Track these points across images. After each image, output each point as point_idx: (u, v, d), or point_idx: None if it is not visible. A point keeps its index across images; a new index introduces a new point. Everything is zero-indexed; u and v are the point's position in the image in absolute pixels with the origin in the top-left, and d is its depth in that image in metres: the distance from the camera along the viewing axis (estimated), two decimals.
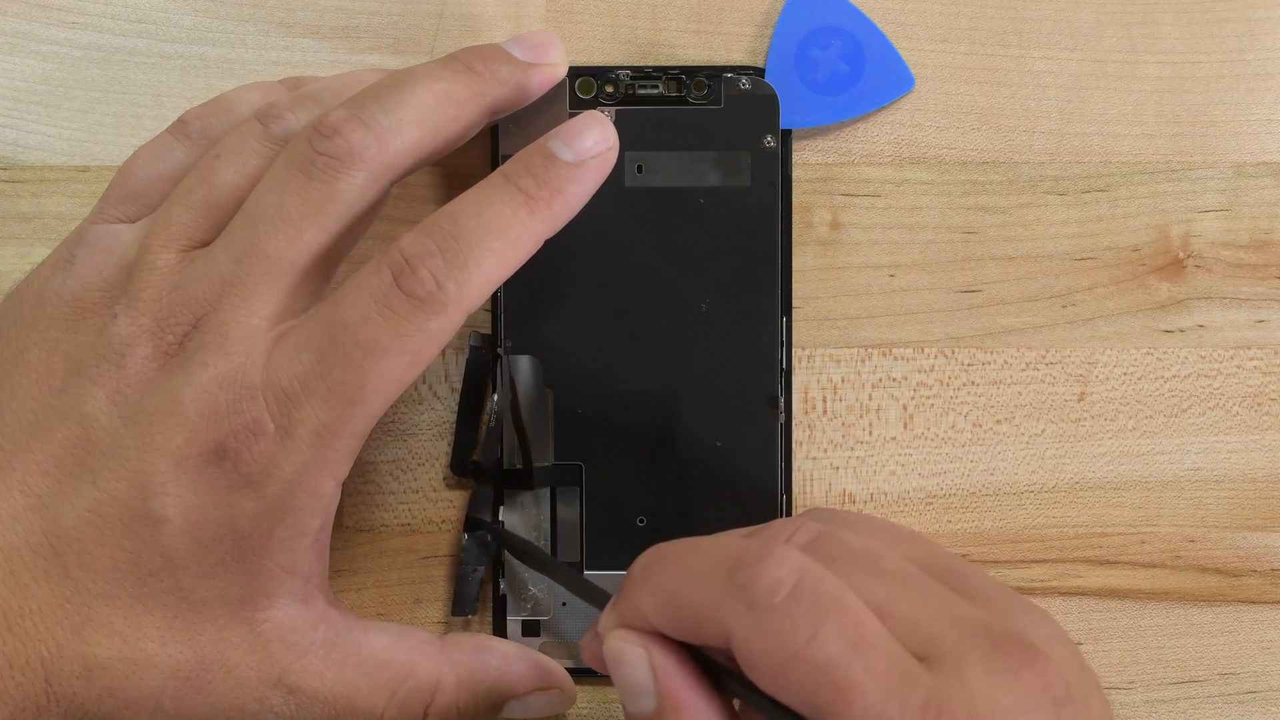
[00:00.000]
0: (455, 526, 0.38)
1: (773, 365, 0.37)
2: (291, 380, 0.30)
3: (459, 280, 0.30)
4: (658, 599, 0.28)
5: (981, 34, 0.38)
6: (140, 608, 0.31)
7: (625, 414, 0.37)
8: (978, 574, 0.29)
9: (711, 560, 0.28)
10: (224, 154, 0.32)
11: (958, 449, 0.38)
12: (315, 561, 0.32)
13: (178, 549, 0.31)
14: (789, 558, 0.27)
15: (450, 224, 0.31)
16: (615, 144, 0.33)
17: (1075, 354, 0.38)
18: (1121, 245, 0.38)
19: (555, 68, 0.34)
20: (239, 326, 0.31)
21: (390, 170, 0.32)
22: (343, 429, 0.30)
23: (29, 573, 0.31)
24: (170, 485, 0.30)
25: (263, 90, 0.35)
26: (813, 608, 0.26)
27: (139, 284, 0.31)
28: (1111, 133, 0.38)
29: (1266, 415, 0.38)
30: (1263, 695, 0.38)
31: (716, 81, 0.37)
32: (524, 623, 0.37)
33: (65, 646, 0.30)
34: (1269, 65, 0.38)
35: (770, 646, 0.26)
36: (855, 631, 0.26)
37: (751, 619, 0.26)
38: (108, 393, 0.31)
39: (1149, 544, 0.38)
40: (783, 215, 0.37)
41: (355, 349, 0.30)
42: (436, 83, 0.32)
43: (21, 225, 0.38)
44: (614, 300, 0.37)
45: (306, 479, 0.31)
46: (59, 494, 0.31)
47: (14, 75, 0.38)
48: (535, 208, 0.31)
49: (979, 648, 0.26)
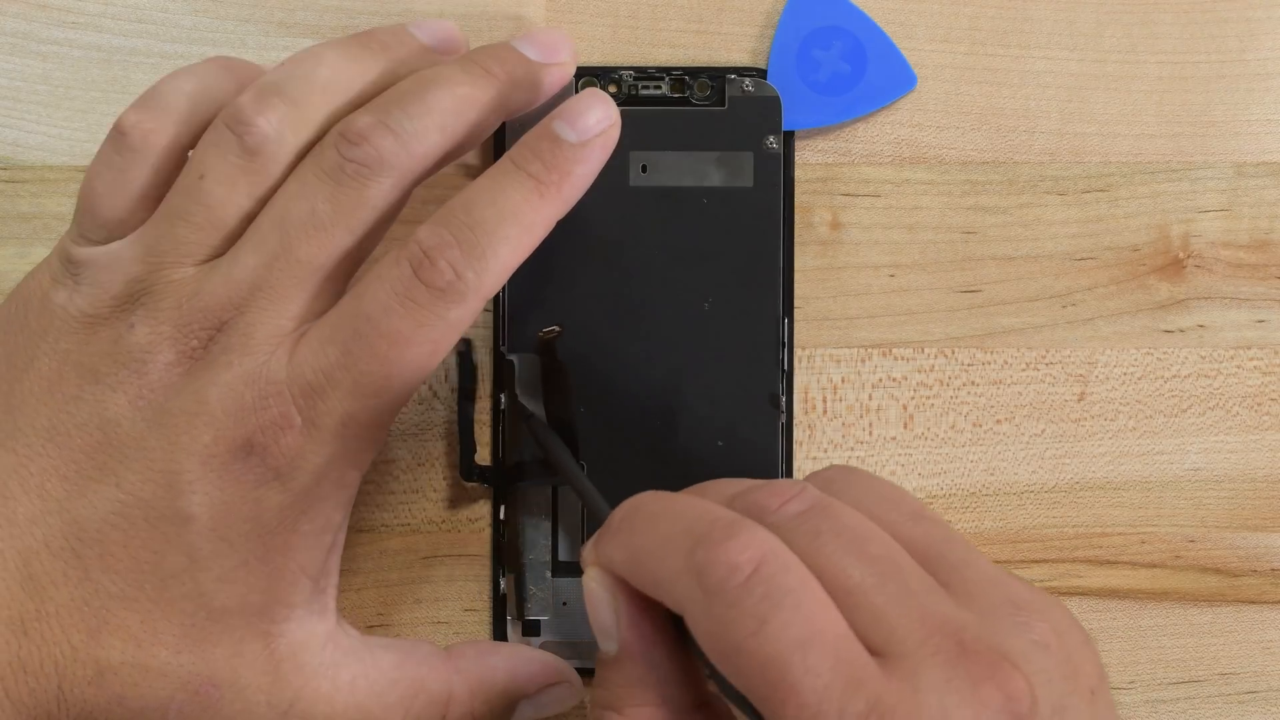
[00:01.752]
0: (455, 527, 0.38)
1: (774, 365, 0.37)
2: (316, 373, 0.31)
3: (477, 269, 0.31)
4: (626, 555, 0.28)
5: (981, 34, 0.38)
6: (158, 612, 0.31)
7: (627, 412, 0.37)
8: (975, 565, 0.28)
9: (679, 529, 0.27)
10: (208, 174, 0.32)
11: (958, 449, 0.38)
12: (332, 567, 0.32)
13: (203, 548, 0.31)
14: (752, 541, 0.26)
15: (465, 214, 0.31)
16: (617, 119, 0.33)
17: (1075, 354, 0.38)
18: (1121, 245, 0.38)
19: (566, 67, 0.35)
20: (264, 328, 0.31)
21: (415, 174, 0.32)
22: (368, 419, 0.31)
23: (48, 576, 0.31)
24: (198, 483, 0.30)
25: (197, 76, 0.34)
26: (764, 599, 0.25)
27: (156, 296, 0.31)
28: (1111, 133, 0.38)
29: (1266, 415, 0.38)
30: (1263, 695, 0.38)
31: (720, 82, 0.37)
32: (524, 623, 0.37)
33: (80, 650, 0.30)
34: (1269, 65, 0.38)
35: (717, 632, 0.26)
36: (804, 628, 0.25)
37: (703, 601, 0.26)
38: (129, 398, 0.31)
39: (1149, 544, 0.38)
40: (785, 216, 0.37)
41: (379, 340, 0.30)
42: (457, 87, 0.32)
43: (21, 225, 0.38)
44: (616, 299, 0.37)
45: (332, 470, 0.31)
46: (79, 496, 0.31)
47: (14, 75, 0.38)
48: (546, 191, 0.32)
49: (942, 651, 0.25)
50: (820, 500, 0.28)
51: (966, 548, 0.28)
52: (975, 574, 0.28)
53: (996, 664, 0.25)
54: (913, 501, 0.30)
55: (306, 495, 0.31)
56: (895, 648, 0.26)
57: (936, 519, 0.29)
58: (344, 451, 0.31)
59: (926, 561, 0.28)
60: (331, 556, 0.32)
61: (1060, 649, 0.27)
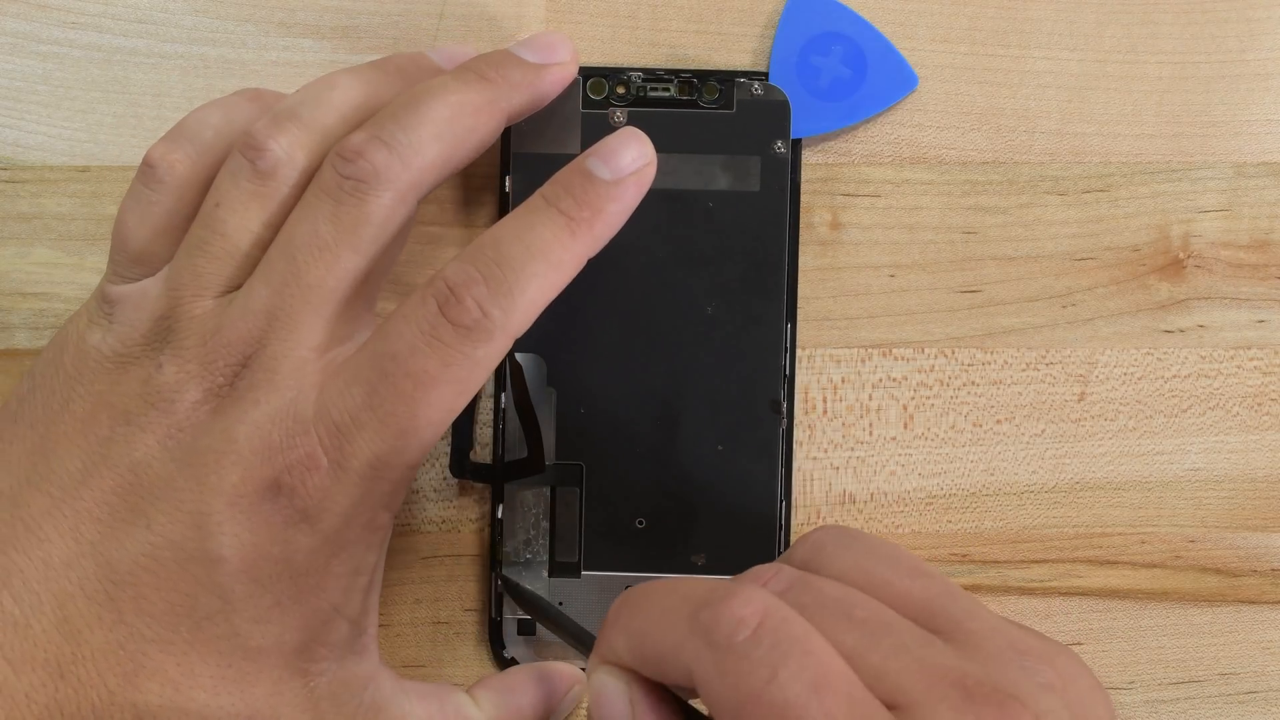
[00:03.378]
0: (455, 526, 0.38)
1: (776, 370, 0.37)
2: (343, 414, 0.30)
3: (504, 307, 0.30)
4: (629, 638, 0.28)
5: (981, 34, 0.38)
6: (194, 655, 0.30)
7: (627, 415, 0.37)
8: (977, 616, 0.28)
9: (679, 599, 0.27)
10: (223, 201, 0.32)
11: (958, 449, 0.38)
12: (370, 606, 0.32)
13: (235, 589, 0.30)
14: (754, 597, 0.26)
15: (493, 250, 0.31)
16: (653, 159, 0.33)
17: (1075, 354, 0.38)
18: (1121, 245, 0.38)
19: (566, 67, 0.34)
20: (287, 360, 0.31)
21: (416, 187, 0.32)
22: (396, 460, 0.30)
23: (83, 619, 0.30)
24: (226, 524, 0.30)
25: (224, 108, 0.34)
26: (773, 649, 0.25)
27: (180, 333, 0.31)
28: (1111, 133, 0.38)
29: (1266, 415, 0.38)
30: (1263, 695, 0.38)
31: (729, 85, 0.37)
32: (519, 622, 0.37)
33: (116, 694, 0.30)
34: (1269, 65, 0.38)
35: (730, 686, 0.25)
36: (816, 674, 0.25)
37: (712, 658, 0.26)
38: (159, 438, 0.31)
39: (1149, 544, 0.38)
40: (790, 221, 0.37)
41: (405, 380, 0.30)
42: (451, 95, 0.32)
43: (21, 225, 0.38)
44: (619, 301, 0.37)
45: (362, 511, 0.31)
46: (111, 538, 0.31)
47: (14, 75, 0.38)
48: (576, 229, 0.32)
49: (949, 698, 0.25)
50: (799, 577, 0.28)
51: (969, 599, 0.28)
52: (978, 625, 0.27)
53: (1004, 703, 0.25)
54: (910, 558, 0.29)
55: (336, 537, 0.31)
56: (901, 698, 0.25)
57: (936, 574, 0.29)
58: (373, 493, 0.31)
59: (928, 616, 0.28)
60: (370, 596, 0.32)
61: (1067, 692, 0.26)
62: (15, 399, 0.33)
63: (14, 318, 0.38)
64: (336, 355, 0.31)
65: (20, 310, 0.38)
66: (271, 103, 0.34)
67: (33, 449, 0.32)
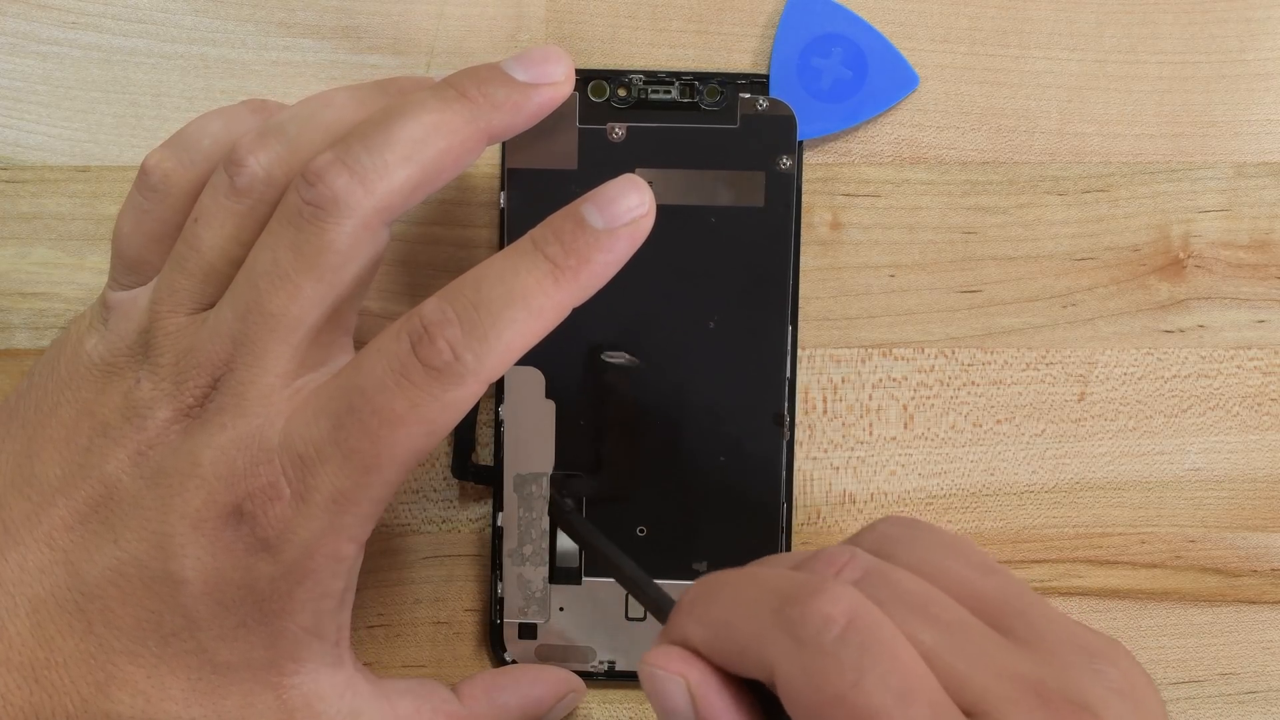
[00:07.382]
0: (455, 526, 0.38)
1: (780, 384, 0.37)
2: (307, 445, 0.30)
3: (477, 352, 0.29)
4: (706, 628, 0.28)
5: (981, 34, 0.38)
6: (164, 668, 0.30)
7: (628, 427, 0.37)
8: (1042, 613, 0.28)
9: (764, 592, 0.27)
10: (201, 217, 0.31)
11: (958, 449, 0.38)
12: (341, 623, 0.32)
13: (199, 610, 0.30)
14: (843, 595, 0.26)
15: (473, 292, 0.30)
16: (652, 210, 0.31)
17: (1075, 354, 0.38)
18: (1121, 245, 0.38)
19: (559, 88, 0.33)
20: (254, 386, 0.30)
21: (382, 213, 0.30)
22: (359, 495, 0.30)
23: (55, 625, 0.30)
24: (189, 547, 0.30)
25: (226, 118, 0.33)
26: (861, 651, 0.25)
27: (156, 349, 0.31)
28: (1111, 133, 0.38)
29: (1266, 415, 0.38)
30: (1263, 695, 0.38)
31: (731, 95, 0.37)
32: (520, 625, 0.37)
33: (90, 702, 0.30)
34: (1269, 65, 0.38)
35: (814, 686, 0.25)
36: (902, 680, 0.25)
37: (798, 655, 0.26)
38: (130, 454, 0.31)
39: (1149, 544, 0.38)
40: (794, 237, 0.37)
41: (371, 417, 0.29)
42: (426, 114, 0.31)
43: (21, 225, 0.38)
44: (620, 314, 0.37)
45: (324, 544, 0.30)
46: (83, 550, 0.31)
47: (14, 75, 0.38)
48: (561, 277, 0.30)
49: (1024, 706, 0.25)
50: (874, 565, 0.28)
51: (1036, 598, 0.28)
52: (1046, 624, 0.27)
53: (1078, 715, 0.25)
54: (980, 553, 0.29)
55: (298, 567, 0.30)
56: (978, 705, 0.25)
57: (1005, 571, 0.29)
58: (336, 526, 0.30)
59: (998, 614, 0.28)
60: (340, 615, 0.32)
61: (1133, 694, 0.27)
62: (15, 395, 0.33)
63: (14, 318, 0.38)
64: (307, 382, 0.31)
65: (20, 310, 0.38)
66: (273, 113, 0.33)
67: (20, 451, 0.32)
